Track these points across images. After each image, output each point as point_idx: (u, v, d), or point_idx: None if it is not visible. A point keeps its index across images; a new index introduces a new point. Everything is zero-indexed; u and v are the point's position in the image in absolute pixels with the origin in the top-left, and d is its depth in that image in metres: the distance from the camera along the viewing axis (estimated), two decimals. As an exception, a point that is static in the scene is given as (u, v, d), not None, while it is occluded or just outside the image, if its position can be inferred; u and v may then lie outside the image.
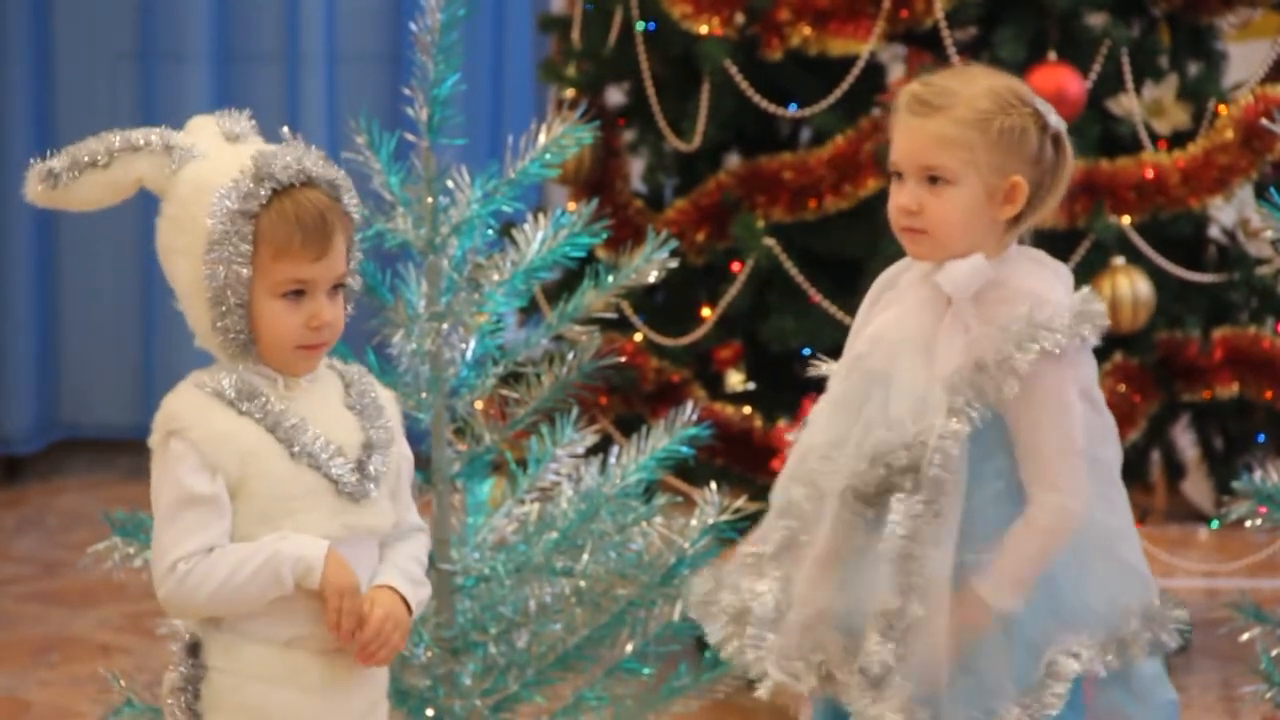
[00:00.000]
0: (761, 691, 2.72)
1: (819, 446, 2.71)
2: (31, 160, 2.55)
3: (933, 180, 2.65)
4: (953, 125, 2.64)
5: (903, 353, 2.66)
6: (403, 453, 2.67)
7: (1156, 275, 4.53)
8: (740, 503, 3.36)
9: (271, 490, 2.53)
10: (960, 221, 2.65)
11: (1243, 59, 5.00)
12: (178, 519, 2.51)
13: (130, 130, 2.56)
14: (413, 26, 3.25)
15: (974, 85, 2.67)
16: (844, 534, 2.67)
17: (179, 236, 2.54)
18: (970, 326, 2.63)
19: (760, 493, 4.28)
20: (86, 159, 2.53)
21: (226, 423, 2.53)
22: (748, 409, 4.59)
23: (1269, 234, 3.30)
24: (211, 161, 2.56)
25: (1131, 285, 4.48)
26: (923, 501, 2.59)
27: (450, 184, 3.27)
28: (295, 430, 2.55)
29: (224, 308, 2.52)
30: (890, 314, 2.73)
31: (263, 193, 2.52)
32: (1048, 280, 2.67)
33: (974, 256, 2.65)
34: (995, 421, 2.61)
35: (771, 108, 4.57)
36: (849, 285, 4.51)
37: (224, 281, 2.51)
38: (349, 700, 2.60)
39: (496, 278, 3.28)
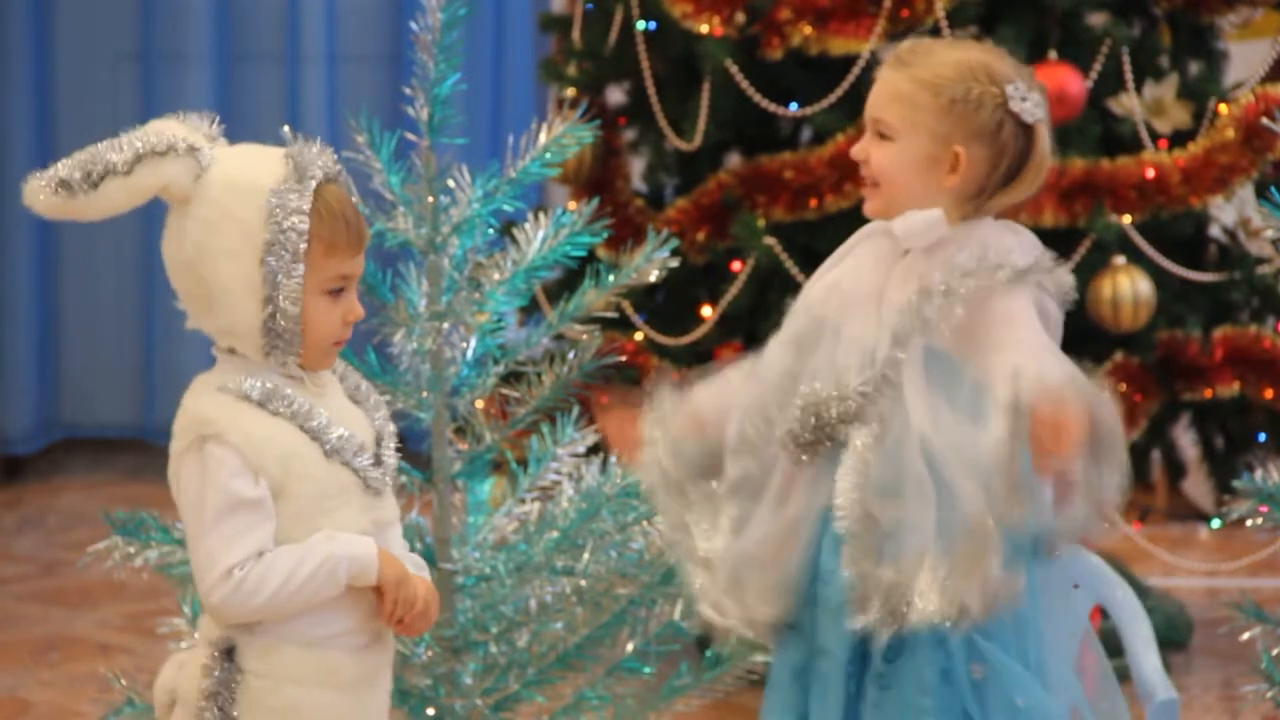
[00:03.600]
0: (691, 625, 2.72)
1: (771, 380, 2.70)
2: (34, 168, 2.51)
3: (881, 134, 2.68)
4: (908, 82, 2.66)
5: (854, 304, 2.66)
6: None
7: (1157, 274, 4.53)
8: (741, 502, 3.35)
9: (311, 490, 2.52)
10: (900, 178, 2.66)
11: (1243, 58, 5.00)
12: (225, 524, 2.48)
13: (142, 134, 2.50)
14: (413, 26, 3.25)
15: (950, 53, 2.68)
16: (791, 479, 2.67)
17: (219, 238, 2.49)
18: (923, 276, 2.62)
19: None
20: (103, 168, 2.46)
21: (263, 425, 2.51)
22: (748, 408, 4.59)
23: (1269, 233, 3.29)
24: (236, 161, 2.54)
25: (1132, 285, 4.48)
26: (872, 435, 2.58)
27: (451, 183, 3.26)
28: (323, 428, 2.54)
29: (276, 308, 2.49)
30: (847, 264, 2.73)
31: (309, 191, 2.51)
32: (1006, 240, 2.65)
33: (934, 210, 2.65)
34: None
35: (772, 107, 4.57)
36: (849, 285, 4.51)
37: (280, 281, 2.49)
38: (373, 696, 2.62)
39: (497, 277, 3.28)
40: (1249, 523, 3.29)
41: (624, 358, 4.54)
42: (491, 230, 3.30)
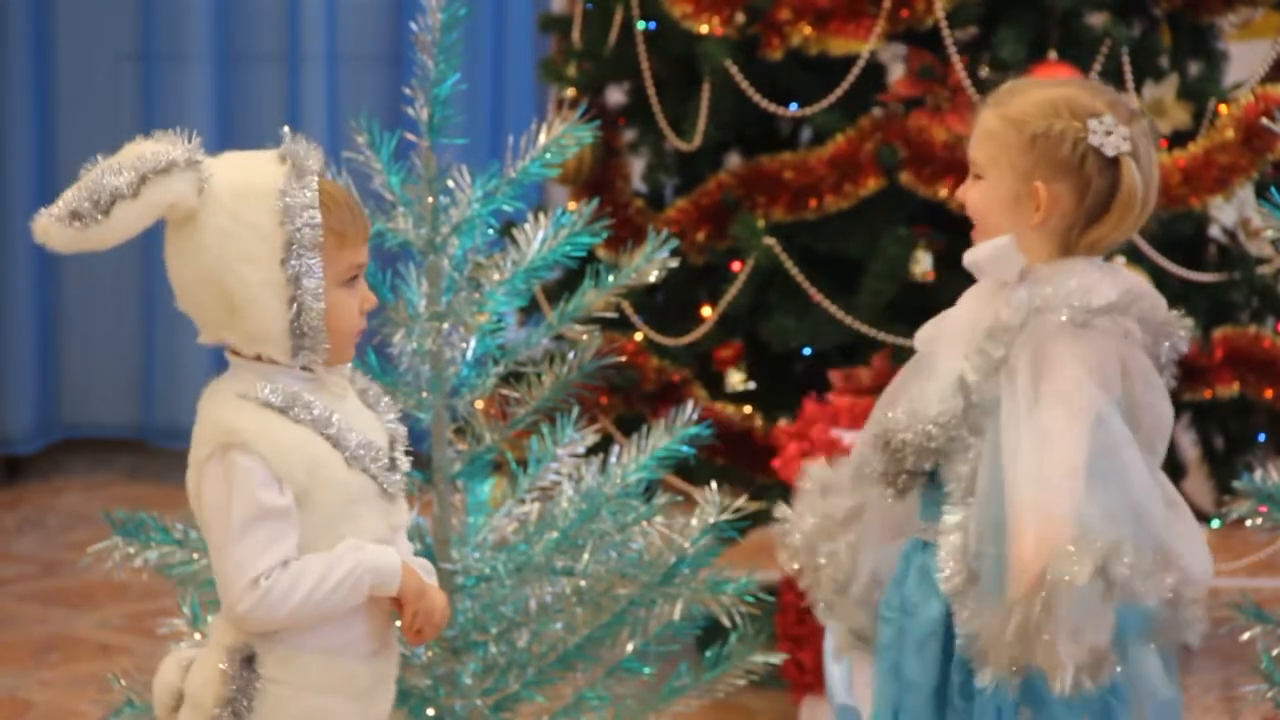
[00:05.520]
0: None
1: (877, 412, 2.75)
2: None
3: (976, 175, 2.69)
4: (996, 120, 2.66)
5: (948, 339, 2.67)
6: None
7: (1157, 275, 4.53)
8: (740, 502, 3.36)
9: (334, 498, 2.53)
10: (990, 217, 2.66)
11: (1243, 59, 5.00)
12: (252, 533, 2.48)
13: (135, 156, 2.48)
14: (413, 26, 3.25)
15: (1038, 90, 2.67)
16: (883, 511, 2.72)
17: (237, 245, 2.49)
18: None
19: (760, 492, 4.31)
20: (109, 194, 2.45)
21: (288, 433, 2.51)
22: (748, 408, 4.60)
23: (1269, 233, 3.29)
24: (236, 168, 2.54)
25: (1132, 285, 4.47)
26: (962, 480, 2.58)
27: (451, 184, 3.26)
28: (342, 435, 2.54)
29: (301, 306, 2.50)
30: (958, 303, 2.76)
31: (312, 186, 2.51)
32: (1091, 278, 2.63)
33: (1002, 237, 2.65)
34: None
35: (772, 107, 4.57)
36: (849, 285, 4.52)
37: (303, 280, 2.49)
38: (383, 701, 2.64)
39: (497, 277, 3.28)
40: (1249, 523, 3.29)
41: (624, 358, 4.54)
42: (491, 230, 3.30)
